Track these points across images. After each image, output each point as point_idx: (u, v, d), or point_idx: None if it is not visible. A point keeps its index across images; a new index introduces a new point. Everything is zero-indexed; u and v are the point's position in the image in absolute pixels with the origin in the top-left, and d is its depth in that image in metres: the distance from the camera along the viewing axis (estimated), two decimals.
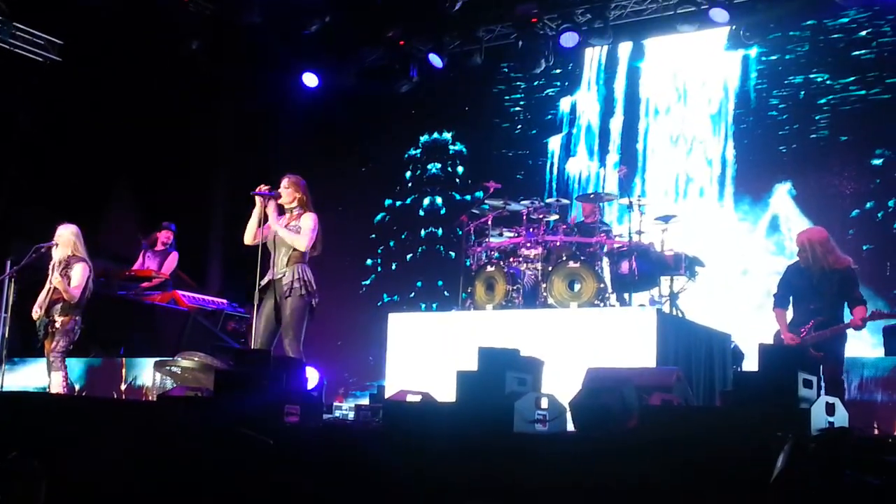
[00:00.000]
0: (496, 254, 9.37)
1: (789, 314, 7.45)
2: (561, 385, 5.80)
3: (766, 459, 3.78)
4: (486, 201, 9.70)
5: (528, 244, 9.05)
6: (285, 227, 7.60)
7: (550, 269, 8.65)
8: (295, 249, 7.52)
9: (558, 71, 12.62)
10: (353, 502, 4.90)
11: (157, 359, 8.59)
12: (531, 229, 9.13)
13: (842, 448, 3.54)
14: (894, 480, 3.26)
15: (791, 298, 7.45)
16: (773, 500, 3.58)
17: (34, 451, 4.71)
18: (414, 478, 4.70)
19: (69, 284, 8.31)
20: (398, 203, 13.68)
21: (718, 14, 10.80)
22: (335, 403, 10.36)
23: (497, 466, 4.67)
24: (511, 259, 9.17)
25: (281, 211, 7.78)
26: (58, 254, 8.45)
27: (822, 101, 10.92)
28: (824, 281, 7.22)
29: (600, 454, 4.66)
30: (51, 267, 8.47)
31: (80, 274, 8.38)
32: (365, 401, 10.48)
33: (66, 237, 8.47)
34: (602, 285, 8.44)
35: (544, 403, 5.30)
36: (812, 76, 11.02)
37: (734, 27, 11.20)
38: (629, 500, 4.30)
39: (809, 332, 7.12)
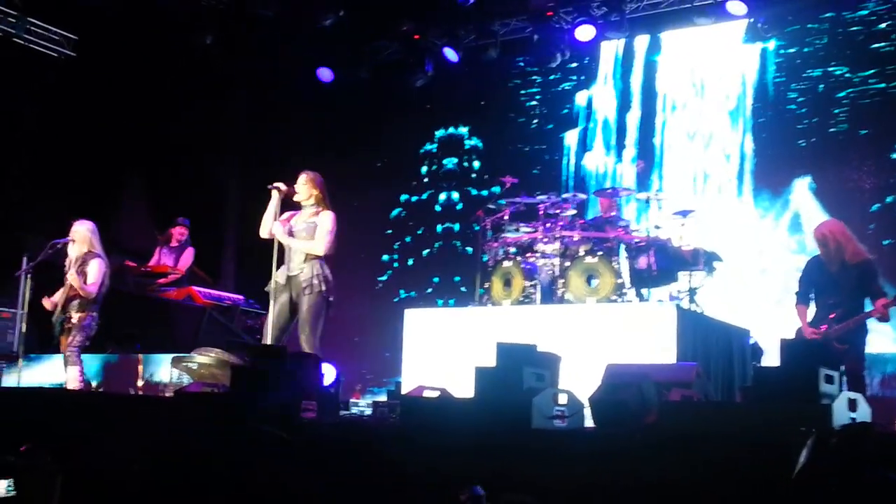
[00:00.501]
0: (513, 249, 9.32)
1: (811, 311, 7.40)
2: (579, 381, 5.76)
3: (786, 455, 3.74)
4: (502, 196, 9.67)
5: (545, 239, 9.00)
6: (302, 221, 7.61)
7: (568, 264, 8.61)
8: None
9: (574, 65, 12.55)
10: (370, 498, 4.88)
11: (174, 355, 8.57)
12: (548, 224, 9.08)
13: (864, 443, 3.49)
14: None
15: (812, 294, 7.39)
16: (795, 496, 3.54)
17: (51, 447, 4.71)
18: (431, 474, 4.67)
19: (85, 282, 8.31)
20: (414, 198, 13.65)
21: (736, 6, 10.73)
22: (352, 400, 10.31)
23: (515, 463, 4.64)
24: (528, 254, 9.13)
25: (297, 207, 7.76)
26: (74, 250, 8.46)
27: (842, 94, 10.83)
28: (843, 274, 7.14)
29: (619, 451, 4.62)
30: (67, 263, 8.48)
31: (96, 271, 8.39)
32: (382, 397, 10.44)
33: (83, 234, 8.47)
34: (620, 280, 8.39)
35: (562, 399, 5.27)
36: (831, 69, 10.93)
37: (752, 20, 11.14)
38: (648, 496, 4.26)
39: (831, 325, 7.05)
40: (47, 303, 8.50)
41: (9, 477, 3.08)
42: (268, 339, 7.54)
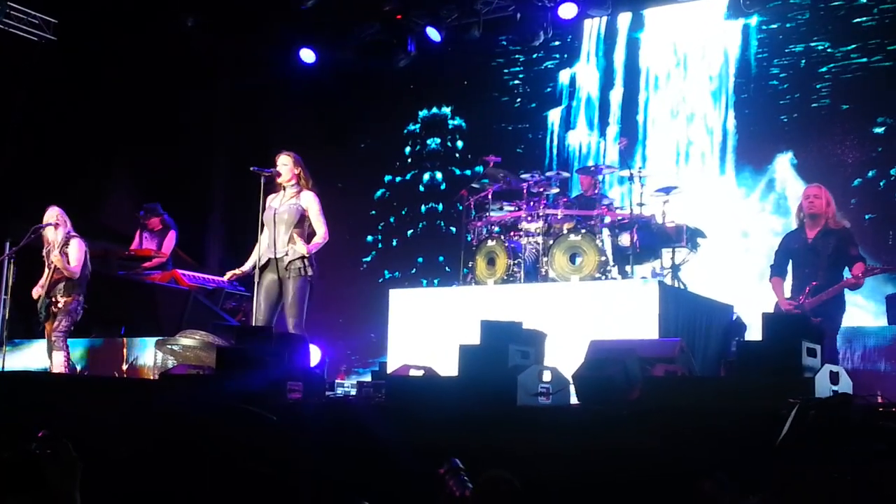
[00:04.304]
0: (497, 228, 9.34)
1: (787, 286, 7.42)
2: (564, 358, 5.78)
3: (769, 427, 3.77)
4: (485, 175, 9.66)
5: (529, 218, 9.01)
6: (284, 203, 7.58)
7: (551, 242, 8.61)
8: (295, 227, 7.50)
9: (557, 43, 12.51)
10: (357, 476, 4.89)
11: (159, 338, 8.57)
12: (531, 203, 9.08)
13: (845, 413, 3.52)
14: None
15: (789, 266, 7.44)
16: (777, 467, 3.57)
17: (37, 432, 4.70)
18: (417, 452, 4.68)
19: (68, 262, 8.31)
20: (398, 179, 13.62)
21: None
22: (337, 381, 10.34)
23: (501, 440, 4.66)
24: (512, 233, 9.14)
25: (278, 189, 7.73)
26: (52, 234, 8.47)
27: (824, 69, 10.83)
28: (821, 242, 7.20)
29: (604, 426, 4.65)
30: (46, 248, 8.48)
31: (76, 250, 8.42)
32: (367, 377, 10.46)
33: (57, 219, 8.50)
34: (603, 258, 8.40)
35: (547, 376, 5.29)
36: (813, 44, 10.92)
37: None
38: (634, 470, 4.29)
39: (807, 297, 7.10)
40: (36, 292, 8.50)
41: (30, 467, 3.08)
42: (256, 321, 7.52)
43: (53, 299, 8.36)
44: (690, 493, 3.43)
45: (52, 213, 8.52)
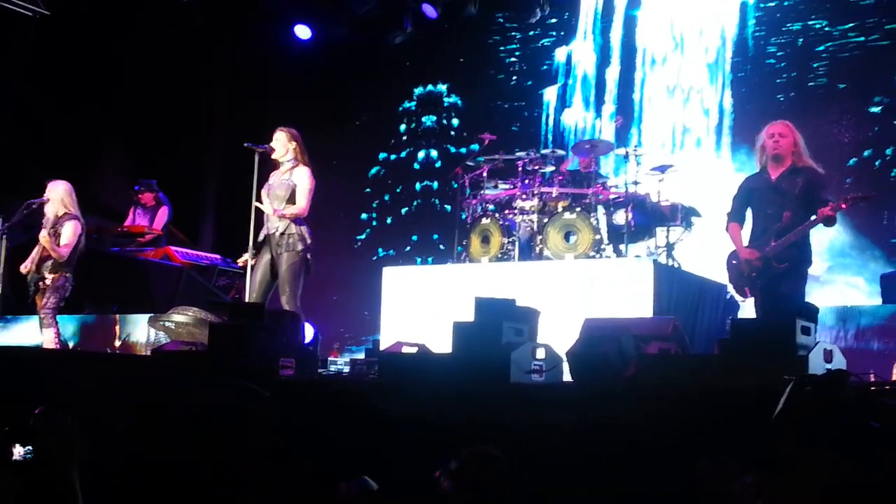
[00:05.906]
0: (491, 206, 9.31)
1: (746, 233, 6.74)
2: (557, 336, 5.76)
3: (763, 405, 3.75)
4: (480, 154, 9.64)
5: (524, 196, 8.99)
6: (279, 179, 7.56)
7: (546, 220, 8.60)
8: (287, 202, 7.46)
9: (554, 20, 12.46)
10: (350, 452, 4.88)
11: (151, 314, 8.54)
12: (526, 181, 9.07)
13: (840, 390, 3.50)
14: (893, 423, 3.23)
15: (750, 211, 6.69)
16: (774, 445, 3.56)
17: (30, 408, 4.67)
18: (410, 428, 4.67)
19: (58, 243, 8.24)
20: (393, 157, 13.58)
21: None
22: (330, 358, 10.32)
23: (494, 416, 4.65)
24: (506, 211, 9.12)
25: (277, 166, 7.70)
26: (50, 210, 8.39)
27: (821, 48, 10.79)
28: (788, 180, 6.44)
29: (597, 403, 4.64)
30: (44, 223, 8.42)
31: (70, 232, 8.32)
32: (360, 355, 10.45)
33: (58, 194, 8.40)
34: (598, 236, 8.40)
35: (541, 354, 5.27)
36: (811, 23, 10.88)
37: None
38: (627, 447, 4.28)
39: (769, 242, 6.43)
40: (25, 267, 8.45)
41: (28, 442, 3.04)
42: (249, 298, 7.49)
43: (42, 276, 8.31)
44: (684, 471, 3.42)
45: (51, 189, 8.43)
